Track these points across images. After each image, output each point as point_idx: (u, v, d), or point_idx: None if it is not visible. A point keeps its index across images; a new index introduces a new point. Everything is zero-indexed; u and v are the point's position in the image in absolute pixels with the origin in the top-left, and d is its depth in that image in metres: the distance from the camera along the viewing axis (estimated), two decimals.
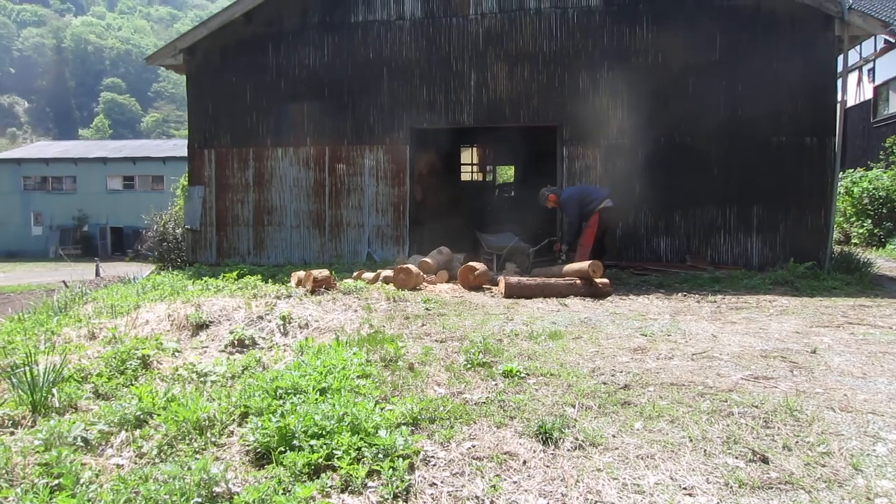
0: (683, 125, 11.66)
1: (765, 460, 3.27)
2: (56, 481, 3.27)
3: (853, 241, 17.77)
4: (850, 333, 6.13)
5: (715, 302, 8.33)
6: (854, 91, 24.51)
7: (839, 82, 11.44)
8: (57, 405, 4.56)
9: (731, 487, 3.04)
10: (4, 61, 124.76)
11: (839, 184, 15.10)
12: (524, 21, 12.16)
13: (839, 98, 11.48)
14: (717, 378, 4.62)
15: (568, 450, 3.50)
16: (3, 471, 3.42)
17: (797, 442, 3.50)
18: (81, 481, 3.28)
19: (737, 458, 3.33)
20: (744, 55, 11.39)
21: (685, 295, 8.97)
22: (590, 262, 8.99)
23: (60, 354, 5.59)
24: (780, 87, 11.24)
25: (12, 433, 4.20)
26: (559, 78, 12.10)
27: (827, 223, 11.24)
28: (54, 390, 4.66)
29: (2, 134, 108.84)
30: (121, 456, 3.82)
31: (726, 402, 4.09)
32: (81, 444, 3.88)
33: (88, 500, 2.98)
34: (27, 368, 4.72)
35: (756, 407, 3.98)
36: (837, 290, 9.08)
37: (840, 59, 11.33)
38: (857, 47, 21.43)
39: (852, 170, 19.69)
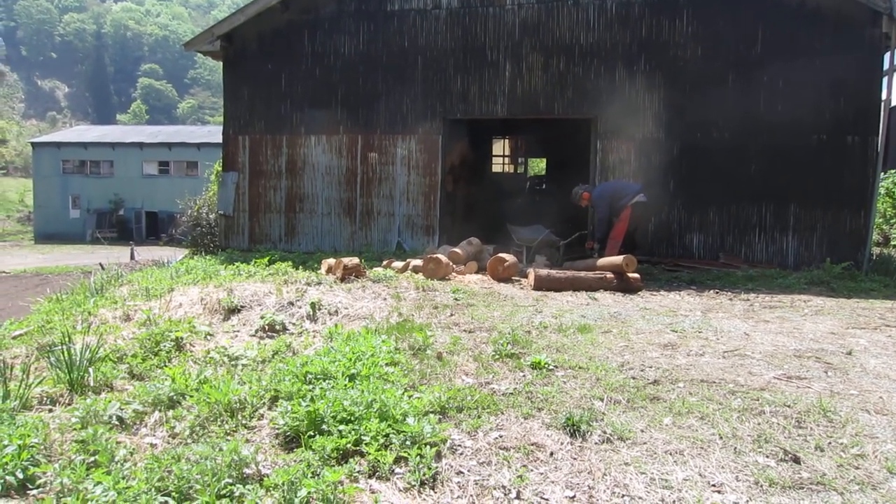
0: (721, 120, 11.46)
1: (796, 460, 3.23)
2: (92, 458, 3.36)
3: (892, 242, 17.37)
4: (888, 336, 6.00)
5: (748, 300, 8.21)
6: None
7: (885, 80, 11.15)
8: (93, 384, 4.67)
9: (762, 486, 3.01)
10: (46, 46, 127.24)
11: (880, 184, 14.75)
12: (561, 11, 12.04)
13: (884, 97, 11.18)
14: (748, 376, 4.56)
15: (595, 443, 3.49)
16: (42, 447, 3.52)
17: (830, 443, 3.44)
18: (116, 459, 3.36)
19: (768, 456, 3.29)
20: (786, 50, 11.14)
21: (717, 292, 8.86)
22: (623, 256, 8.92)
23: (96, 335, 5.72)
24: (822, 83, 10.97)
25: (50, 410, 4.32)
26: (595, 70, 11.97)
27: (866, 224, 10.99)
28: (90, 370, 4.77)
29: (42, 118, 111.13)
30: (154, 435, 3.90)
31: (758, 400, 4.04)
32: (116, 422, 3.98)
33: (123, 478, 3.04)
34: (65, 348, 4.84)
35: (788, 406, 3.93)
36: (875, 291, 8.89)
37: (887, 56, 11.04)
38: None
39: (894, 170, 19.21)
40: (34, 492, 3.13)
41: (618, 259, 8.93)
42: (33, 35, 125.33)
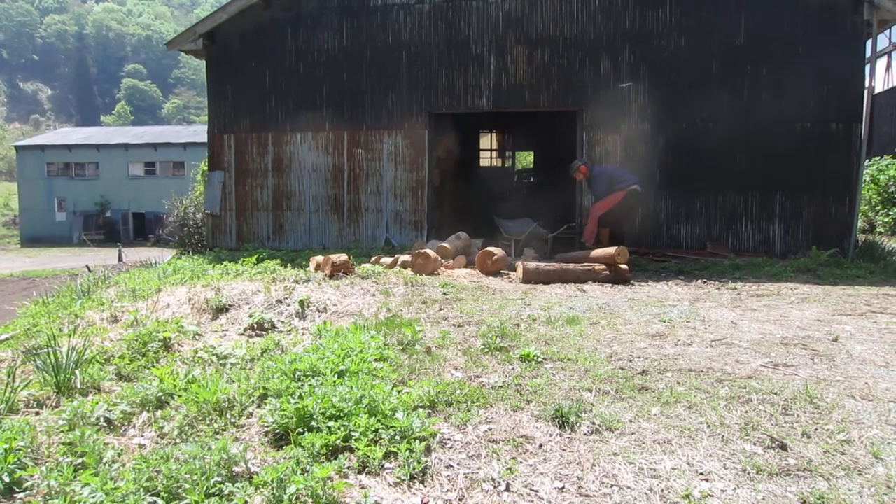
0: (706, 110, 11.50)
1: (783, 447, 3.25)
2: (80, 460, 3.33)
3: (878, 229, 17.49)
4: (873, 322, 6.05)
5: (735, 289, 8.26)
6: (882, 77, 24.01)
7: (867, 67, 11.22)
8: (80, 386, 4.63)
9: (749, 473, 3.02)
10: (28, 48, 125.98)
11: (865, 171, 14.85)
12: (545, 4, 12.03)
13: (867, 84, 11.26)
14: (736, 365, 4.58)
15: (584, 434, 3.50)
16: (29, 450, 3.49)
17: (816, 429, 3.47)
18: (104, 460, 3.34)
19: (755, 444, 3.31)
20: (769, 38, 11.20)
21: (705, 282, 8.90)
22: (616, 247, 8.96)
23: (83, 337, 5.68)
24: (805, 71, 11.05)
25: (37, 413, 4.28)
26: (580, 62, 11.99)
27: (851, 211, 11.08)
28: (77, 372, 4.74)
29: (25, 121, 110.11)
30: (143, 436, 3.88)
31: (745, 388, 4.06)
32: (104, 424, 3.95)
33: (111, 479, 3.02)
34: (51, 351, 4.80)
35: (775, 394, 3.95)
36: (861, 278, 8.96)
37: (869, 43, 11.10)
38: (887, 32, 20.96)
39: (879, 157, 19.33)
40: (21, 495, 3.11)
41: (610, 250, 8.98)
42: (14, 37, 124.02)
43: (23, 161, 49.75)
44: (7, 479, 3.13)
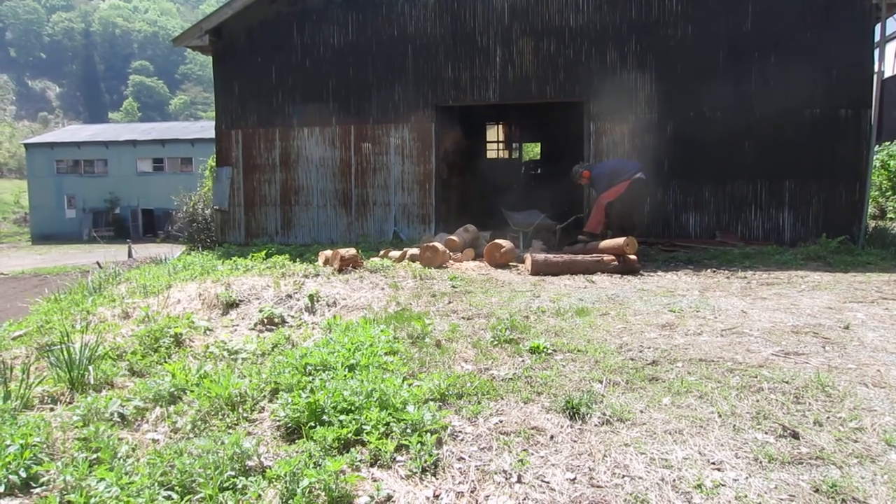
0: (713, 99, 11.43)
1: (795, 436, 3.25)
2: (94, 455, 3.36)
3: (889, 215, 17.34)
4: (885, 309, 6.01)
5: (745, 278, 8.22)
6: (892, 61, 23.75)
7: (876, 52, 11.13)
8: (93, 382, 4.67)
9: (761, 462, 3.02)
10: (35, 46, 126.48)
11: (875, 157, 14.73)
12: None
13: (876, 69, 11.16)
14: (746, 354, 4.57)
15: (595, 425, 3.50)
16: (45, 445, 3.52)
17: (828, 417, 3.46)
18: (119, 455, 3.37)
19: (766, 433, 3.31)
20: (776, 25, 11.10)
21: (714, 271, 8.87)
22: (624, 237, 8.94)
23: (96, 333, 5.72)
24: (814, 57, 10.95)
25: (52, 409, 4.32)
26: (586, 52, 11.93)
27: (861, 198, 11.00)
28: (90, 368, 4.77)
29: (34, 118, 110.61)
30: (156, 431, 3.91)
31: (756, 377, 4.05)
32: (118, 419, 3.98)
33: (126, 474, 3.05)
34: (64, 347, 4.83)
35: (787, 382, 3.94)
36: (872, 265, 8.91)
37: (878, 27, 11.00)
38: None
39: (889, 143, 19.15)
40: (38, 490, 3.14)
41: (619, 240, 8.97)
42: (21, 36, 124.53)
43: (32, 159, 50.04)
44: (24, 475, 3.16)
